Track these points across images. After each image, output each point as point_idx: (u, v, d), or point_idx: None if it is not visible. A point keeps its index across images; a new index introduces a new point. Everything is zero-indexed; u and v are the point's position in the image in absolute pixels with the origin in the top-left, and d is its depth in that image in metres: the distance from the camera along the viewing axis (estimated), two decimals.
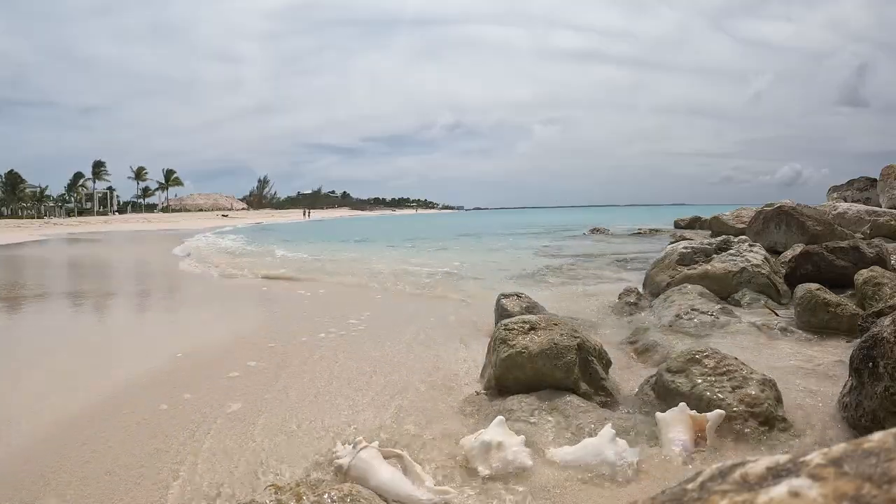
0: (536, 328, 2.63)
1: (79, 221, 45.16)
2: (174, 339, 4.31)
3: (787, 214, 6.71)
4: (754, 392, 2.20)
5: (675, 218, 15.97)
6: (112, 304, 6.29)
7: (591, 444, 1.95)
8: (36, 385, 3.10)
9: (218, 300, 6.46)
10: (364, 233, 24.00)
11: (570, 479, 1.89)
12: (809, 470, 0.51)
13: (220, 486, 1.91)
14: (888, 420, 1.92)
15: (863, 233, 7.78)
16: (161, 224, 42.05)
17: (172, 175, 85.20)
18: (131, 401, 2.79)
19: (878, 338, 2.03)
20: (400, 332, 4.26)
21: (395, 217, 74.71)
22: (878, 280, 3.81)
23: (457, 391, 2.83)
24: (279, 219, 59.20)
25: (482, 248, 14.58)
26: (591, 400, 2.44)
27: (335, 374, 3.21)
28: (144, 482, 1.96)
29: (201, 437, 2.32)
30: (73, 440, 2.32)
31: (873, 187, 11.84)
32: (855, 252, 4.47)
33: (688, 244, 5.33)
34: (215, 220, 53.81)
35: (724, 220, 11.27)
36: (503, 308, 4.00)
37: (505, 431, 2.00)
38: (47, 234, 26.05)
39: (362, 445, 1.88)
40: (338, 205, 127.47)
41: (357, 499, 1.55)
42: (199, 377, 3.17)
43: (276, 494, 1.52)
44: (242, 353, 3.68)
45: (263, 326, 4.71)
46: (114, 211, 73.94)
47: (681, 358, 2.41)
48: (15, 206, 62.97)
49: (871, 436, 0.54)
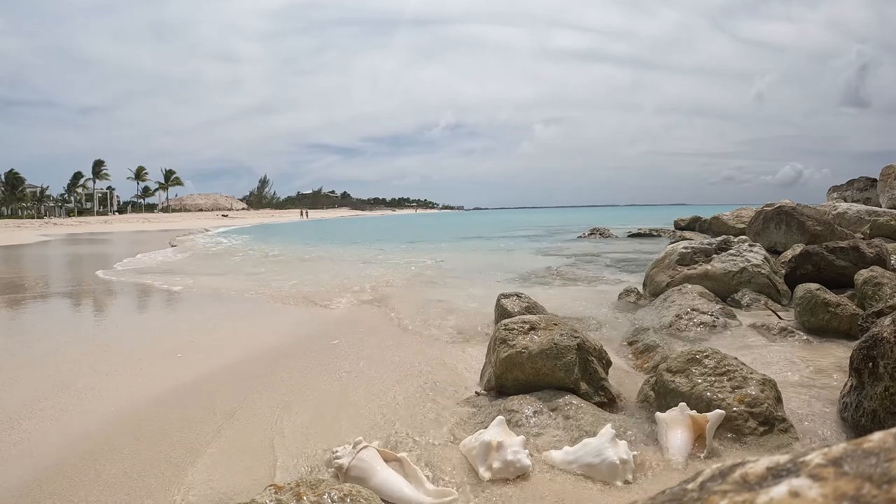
0: (536, 328, 2.63)
1: (78, 221, 45.14)
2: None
3: (787, 214, 6.71)
4: (754, 392, 2.20)
5: (675, 218, 15.95)
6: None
7: (591, 444, 1.95)
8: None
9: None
10: (354, 235, 23.79)
11: (570, 480, 1.89)
12: (809, 470, 0.51)
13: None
14: (888, 420, 1.92)
15: (863, 233, 7.78)
16: (161, 224, 42.05)
17: (172, 175, 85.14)
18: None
19: (878, 338, 2.03)
20: (399, 331, 4.26)
21: (392, 217, 74.53)
22: (878, 280, 3.81)
23: (456, 391, 2.83)
24: (278, 219, 59.24)
25: (482, 248, 14.58)
26: (591, 400, 2.44)
27: (335, 373, 3.22)
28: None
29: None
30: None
31: (873, 187, 11.85)
32: (855, 252, 4.47)
33: (688, 244, 5.33)
34: (215, 220, 53.86)
35: (724, 220, 11.28)
36: (503, 308, 4.00)
37: (505, 432, 2.00)
38: (48, 234, 26.07)
39: (362, 445, 1.87)
40: (338, 205, 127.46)
41: (357, 499, 1.55)
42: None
43: (276, 494, 1.52)
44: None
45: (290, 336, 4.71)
46: (114, 211, 73.94)
47: (681, 358, 2.41)
48: (15, 206, 62.96)
49: (871, 436, 0.54)
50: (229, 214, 72.22)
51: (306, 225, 41.45)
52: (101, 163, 72.64)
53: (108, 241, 21.60)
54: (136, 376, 3.22)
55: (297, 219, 60.78)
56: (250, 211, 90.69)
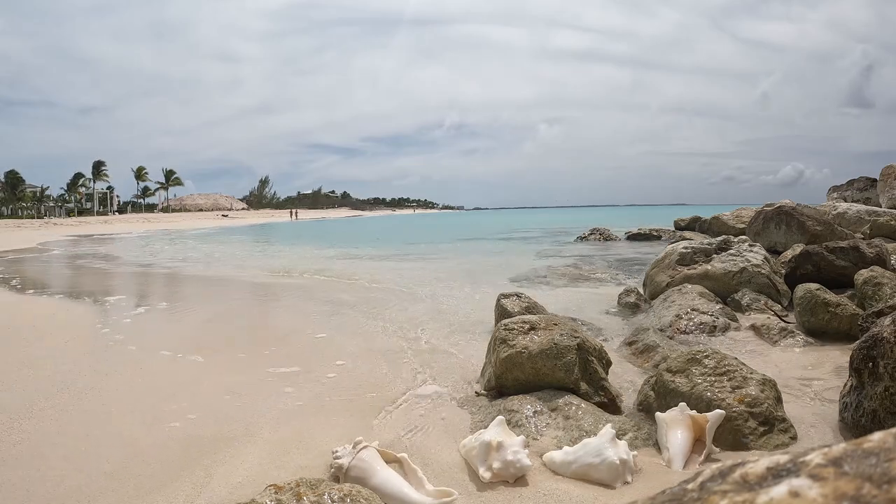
0: (536, 328, 2.63)
1: (78, 221, 45.11)
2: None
3: (787, 214, 6.71)
4: (754, 392, 2.20)
5: (675, 218, 15.94)
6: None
7: (591, 444, 1.95)
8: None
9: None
10: (341, 238, 22.73)
11: (570, 480, 1.89)
12: (809, 470, 0.51)
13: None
14: (888, 420, 1.92)
15: (863, 233, 7.77)
16: (161, 224, 42.06)
17: (172, 175, 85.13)
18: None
19: (878, 338, 2.03)
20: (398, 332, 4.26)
21: (392, 218, 74.24)
22: (878, 280, 3.81)
23: (456, 391, 2.83)
24: (277, 219, 59.10)
25: (482, 248, 14.58)
26: (591, 400, 2.43)
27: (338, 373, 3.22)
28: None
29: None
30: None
31: (873, 187, 11.85)
32: (855, 252, 4.47)
33: (688, 244, 5.32)
34: (215, 220, 53.87)
35: (724, 221, 11.27)
36: (503, 308, 4.00)
37: (505, 431, 2.00)
38: (48, 236, 25.94)
39: (362, 445, 1.87)
40: (338, 205, 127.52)
41: (357, 499, 1.55)
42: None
43: (276, 494, 1.52)
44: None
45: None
46: (114, 211, 73.94)
47: (681, 358, 2.41)
48: (15, 206, 62.97)
49: (871, 436, 0.54)
50: (229, 214, 72.23)
51: (303, 226, 40.50)
52: (101, 163, 72.63)
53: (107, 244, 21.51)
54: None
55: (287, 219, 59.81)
56: (250, 211, 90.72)
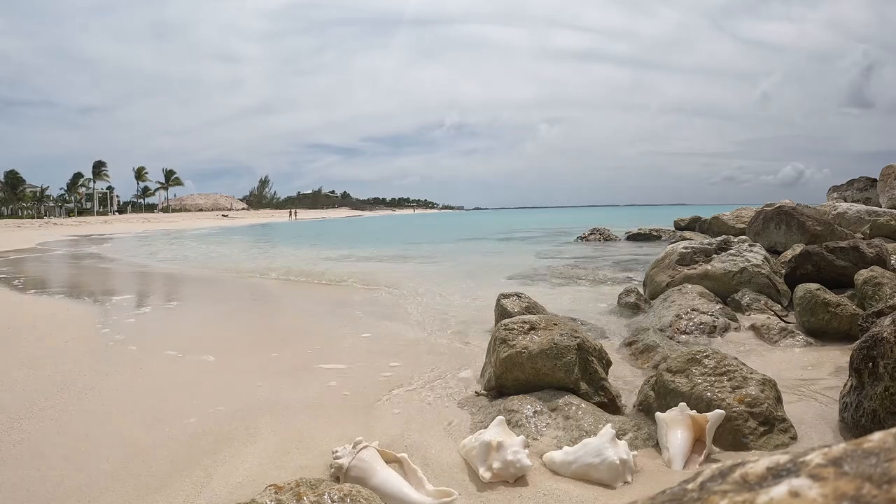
0: (536, 328, 2.63)
1: (78, 222, 45.11)
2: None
3: (787, 214, 6.71)
4: (754, 392, 2.20)
5: (675, 218, 15.93)
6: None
7: (591, 444, 1.95)
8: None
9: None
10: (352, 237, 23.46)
11: (570, 480, 1.89)
12: (809, 470, 0.51)
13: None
14: (888, 420, 1.92)
15: (863, 233, 7.77)
16: (161, 224, 42.05)
17: (172, 175, 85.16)
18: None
19: (878, 338, 2.03)
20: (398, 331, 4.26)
21: (392, 217, 74.21)
22: (878, 280, 3.81)
23: (456, 391, 2.83)
24: (274, 219, 59.06)
25: (482, 248, 14.58)
26: (591, 400, 2.43)
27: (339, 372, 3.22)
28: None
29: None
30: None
31: (873, 187, 11.85)
32: (855, 252, 4.46)
33: (688, 244, 5.32)
34: (215, 220, 53.87)
35: (724, 220, 11.28)
36: (503, 308, 3.99)
37: (505, 431, 2.00)
38: (48, 237, 25.94)
39: (362, 445, 1.87)
40: (338, 205, 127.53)
41: (357, 499, 1.55)
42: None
43: (276, 494, 1.52)
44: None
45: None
46: (114, 211, 73.96)
47: (681, 358, 2.41)
48: (15, 206, 62.97)
49: (871, 436, 0.54)
50: (229, 214, 72.24)
51: (302, 226, 40.41)
52: (101, 163, 72.65)
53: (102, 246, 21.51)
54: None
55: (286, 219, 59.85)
56: (250, 211, 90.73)
